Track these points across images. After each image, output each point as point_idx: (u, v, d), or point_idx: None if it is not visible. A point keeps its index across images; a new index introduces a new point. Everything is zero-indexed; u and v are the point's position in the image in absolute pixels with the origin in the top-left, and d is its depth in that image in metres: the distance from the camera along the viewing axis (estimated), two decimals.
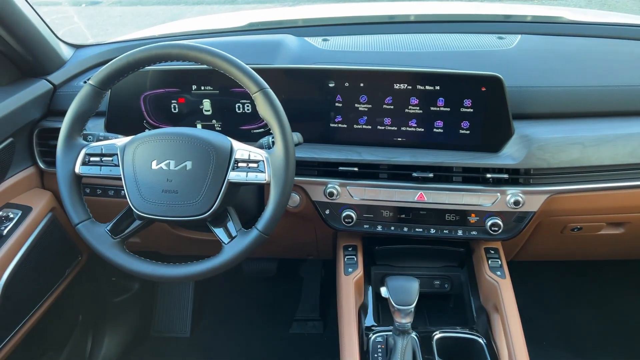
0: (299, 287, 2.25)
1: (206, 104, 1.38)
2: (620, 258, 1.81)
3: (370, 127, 1.35)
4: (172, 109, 1.39)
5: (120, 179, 1.12)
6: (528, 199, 1.31)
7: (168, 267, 1.13)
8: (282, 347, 2.07)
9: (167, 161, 1.09)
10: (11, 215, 1.38)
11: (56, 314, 1.65)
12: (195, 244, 1.63)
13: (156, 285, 2.19)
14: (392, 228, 1.38)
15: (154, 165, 1.09)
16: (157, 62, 1.11)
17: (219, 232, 1.13)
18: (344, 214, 1.36)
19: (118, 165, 1.12)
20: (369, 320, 1.37)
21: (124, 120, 1.41)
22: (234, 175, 1.09)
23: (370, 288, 1.46)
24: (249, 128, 1.39)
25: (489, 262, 1.40)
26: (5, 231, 1.34)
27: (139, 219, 1.14)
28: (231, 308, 2.24)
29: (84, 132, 1.19)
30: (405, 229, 1.38)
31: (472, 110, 1.30)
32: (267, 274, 2.26)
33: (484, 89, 1.27)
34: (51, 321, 1.65)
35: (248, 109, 1.37)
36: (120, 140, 1.15)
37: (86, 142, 1.16)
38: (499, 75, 1.26)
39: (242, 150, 1.10)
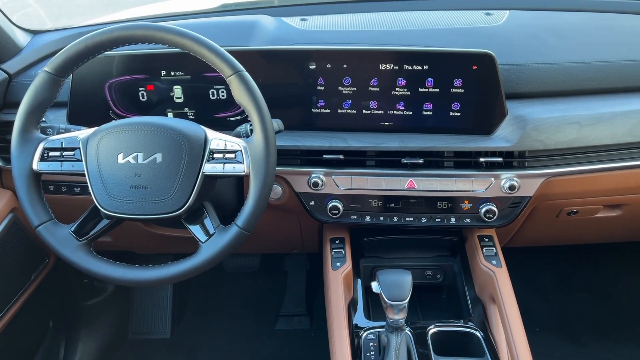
0: (284, 281, 2.18)
1: (177, 91, 1.29)
2: (616, 241, 1.78)
3: (355, 111, 1.27)
4: (140, 97, 1.29)
5: (84, 174, 1.03)
6: (523, 183, 1.25)
7: (141, 269, 1.04)
8: (267, 344, 2.00)
9: (135, 154, 1.00)
10: None
11: (24, 321, 1.56)
12: (173, 241, 1.54)
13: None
14: (381, 218, 1.32)
15: (121, 159, 1.00)
16: (120, 45, 1.02)
17: (195, 230, 1.05)
18: (329, 205, 1.29)
19: (81, 160, 1.03)
20: (359, 316, 1.30)
21: (87, 110, 1.31)
22: (209, 168, 1.00)
23: (359, 282, 1.38)
24: (224, 116, 1.30)
25: (484, 250, 1.34)
26: None
27: (107, 218, 1.06)
28: (213, 306, 2.16)
29: (43, 124, 1.10)
30: (395, 219, 1.31)
31: (463, 91, 1.23)
32: (249, 270, 2.19)
33: (475, 68, 1.20)
34: (19, 329, 1.55)
35: (223, 95, 1.28)
36: (83, 133, 1.06)
37: (44, 136, 1.06)
38: (491, 52, 1.19)
39: (217, 139, 1.02)
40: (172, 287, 2.09)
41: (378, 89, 1.24)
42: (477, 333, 1.23)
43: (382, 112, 1.26)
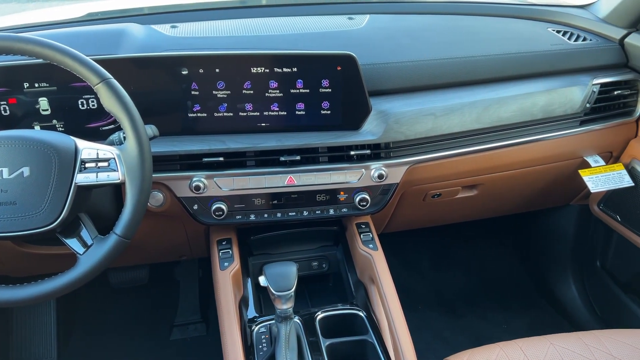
0: (176, 291, 2.15)
1: (43, 103, 1.24)
2: (477, 218, 1.98)
3: (231, 114, 1.30)
4: (2, 112, 1.23)
5: None
6: (390, 172, 1.36)
7: (15, 288, 0.99)
8: (163, 356, 1.96)
9: None
10: None
11: None
12: (50, 260, 1.46)
13: (9, 311, 1.94)
14: (266, 215, 1.36)
15: None
16: None
17: (72, 243, 1.03)
18: (213, 207, 1.31)
19: None
20: (251, 313, 1.34)
21: None
22: (82, 178, 0.99)
23: (249, 280, 1.42)
24: (96, 125, 1.28)
25: (361, 236, 1.44)
26: None
27: None
28: (103, 324, 2.07)
29: None
30: (279, 215, 1.37)
31: (331, 90, 1.31)
32: (138, 283, 2.12)
33: (339, 68, 1.29)
34: None
35: (93, 105, 1.25)
36: None
37: None
38: (352, 54, 1.28)
39: (88, 149, 1.00)
40: (56, 307, 1.97)
41: (252, 92, 1.29)
42: (361, 313, 1.32)
43: (258, 113, 1.31)
